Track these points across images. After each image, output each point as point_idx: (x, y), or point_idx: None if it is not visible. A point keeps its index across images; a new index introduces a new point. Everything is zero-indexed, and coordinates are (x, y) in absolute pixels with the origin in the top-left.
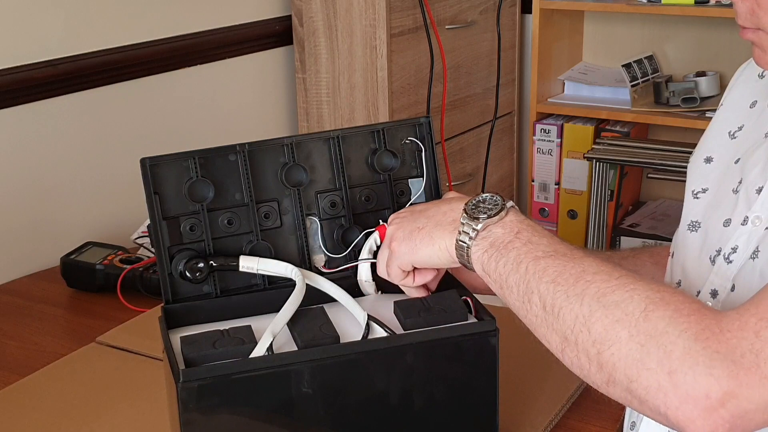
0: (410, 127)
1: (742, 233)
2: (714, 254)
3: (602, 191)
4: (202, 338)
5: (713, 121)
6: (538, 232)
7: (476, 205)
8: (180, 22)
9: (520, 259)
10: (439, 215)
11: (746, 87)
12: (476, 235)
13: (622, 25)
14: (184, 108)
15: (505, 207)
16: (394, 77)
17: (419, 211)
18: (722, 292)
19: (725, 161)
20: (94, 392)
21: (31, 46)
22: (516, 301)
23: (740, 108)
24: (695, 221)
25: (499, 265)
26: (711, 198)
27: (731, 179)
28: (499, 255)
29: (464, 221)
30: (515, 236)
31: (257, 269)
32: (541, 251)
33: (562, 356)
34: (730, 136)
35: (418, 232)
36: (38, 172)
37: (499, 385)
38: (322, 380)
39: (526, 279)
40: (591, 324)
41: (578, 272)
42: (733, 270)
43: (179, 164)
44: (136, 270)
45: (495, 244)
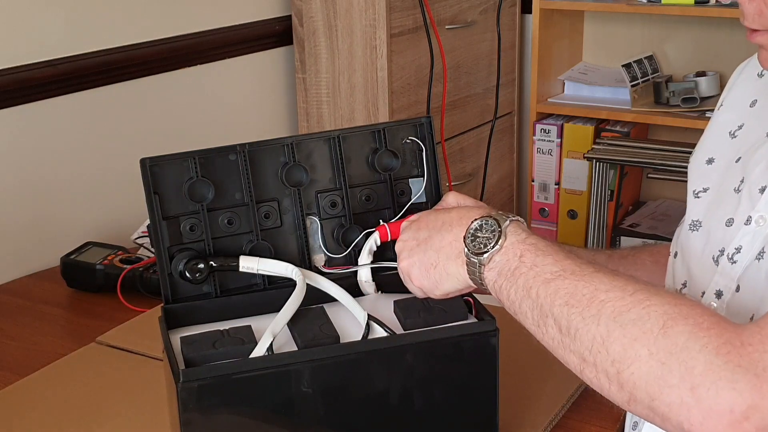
0: (411, 127)
1: (746, 233)
2: (717, 254)
3: (602, 191)
4: (202, 338)
5: (712, 121)
6: (541, 250)
7: (474, 236)
8: (180, 22)
9: (530, 284)
10: (446, 247)
11: (746, 86)
12: (483, 269)
13: (622, 25)
14: (184, 108)
15: (501, 233)
16: (394, 77)
17: (425, 241)
18: (727, 292)
19: (726, 160)
20: (94, 392)
21: (31, 46)
22: (532, 325)
23: (740, 107)
24: (696, 221)
25: (511, 293)
26: (712, 197)
27: (732, 178)
28: (508, 284)
29: (467, 256)
30: (519, 261)
31: (257, 269)
32: (549, 272)
33: (582, 376)
34: (731, 135)
35: (433, 269)
36: (38, 172)
37: (499, 385)
38: (322, 380)
39: (538, 303)
40: (609, 344)
41: (591, 291)
42: (737, 270)
43: (179, 164)
44: (136, 270)
45: (503, 273)
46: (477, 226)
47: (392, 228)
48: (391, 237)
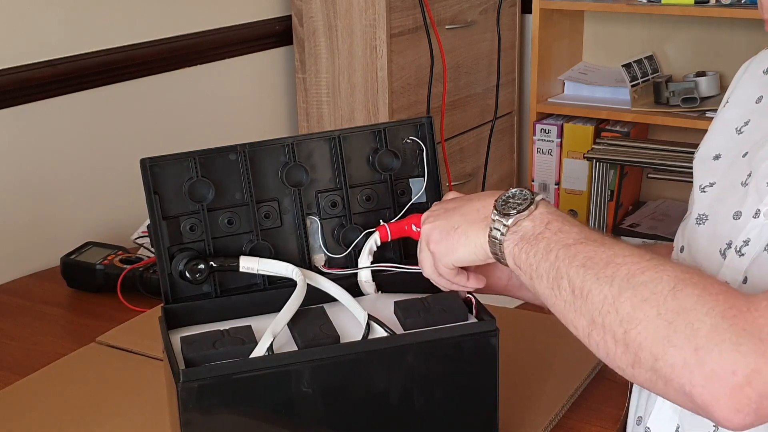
0: (411, 126)
1: (754, 226)
2: (724, 247)
3: (602, 191)
4: (202, 338)
5: (717, 118)
6: (569, 221)
7: (506, 201)
8: (180, 22)
9: (550, 247)
10: (472, 212)
11: (751, 83)
12: (507, 231)
13: (622, 25)
14: (184, 108)
15: (534, 201)
16: (394, 77)
17: (452, 209)
18: (733, 284)
19: (733, 155)
20: (94, 392)
21: (31, 46)
22: (546, 288)
23: (746, 104)
24: (702, 214)
25: (530, 255)
26: (718, 191)
27: (739, 172)
28: (529, 246)
29: (495, 217)
30: (545, 227)
31: (257, 269)
32: (572, 239)
33: (588, 340)
34: (737, 131)
35: (454, 231)
36: (38, 172)
37: (499, 385)
38: (322, 380)
39: (555, 265)
40: (619, 304)
41: (609, 256)
42: (745, 263)
43: (179, 164)
44: (136, 270)
45: (525, 237)
46: (511, 194)
47: (392, 228)
48: (391, 237)
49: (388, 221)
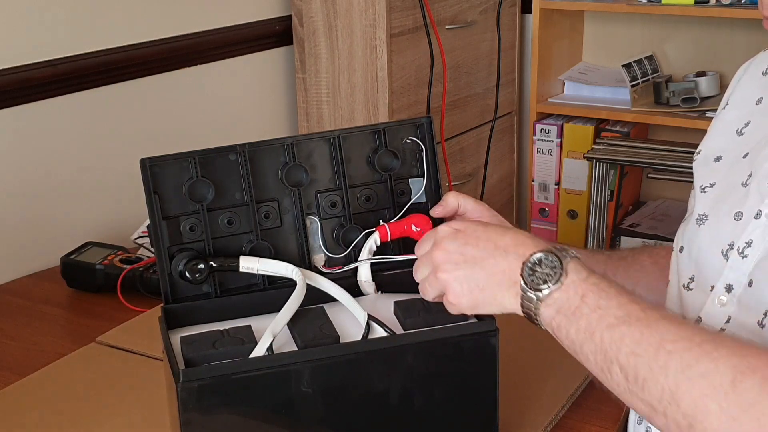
0: (411, 127)
1: (756, 227)
2: (726, 248)
3: (602, 191)
4: (202, 338)
5: (717, 120)
6: (604, 291)
7: (533, 270)
8: (180, 22)
9: (593, 328)
10: (497, 273)
11: (751, 84)
12: (540, 304)
13: (622, 25)
14: (184, 108)
15: (563, 270)
16: (394, 77)
17: (472, 260)
18: (738, 286)
19: (734, 156)
20: (94, 392)
21: (31, 46)
22: (594, 367)
23: (746, 105)
24: (702, 214)
25: (570, 332)
26: (718, 191)
27: (739, 173)
28: (568, 323)
29: (525, 288)
30: (581, 301)
31: (257, 269)
32: (613, 316)
33: (651, 421)
34: (738, 133)
35: (479, 291)
36: (38, 172)
37: (499, 385)
38: (322, 380)
39: (602, 349)
40: (679, 397)
41: (657, 341)
42: (749, 265)
43: (179, 164)
44: (136, 270)
45: (562, 311)
46: (536, 260)
47: (392, 228)
48: (390, 237)
49: (388, 221)
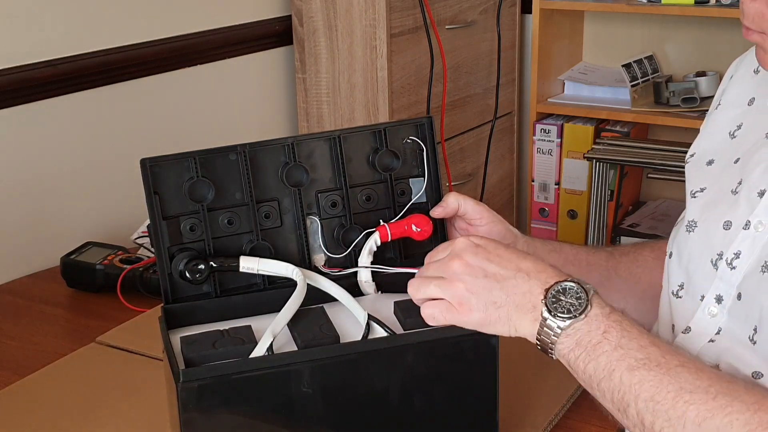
0: (412, 126)
1: (745, 237)
2: (716, 258)
3: (602, 191)
4: (202, 338)
5: (710, 120)
6: (627, 331)
7: (557, 298)
8: (180, 22)
9: (612, 366)
10: (517, 295)
11: (742, 84)
12: (561, 333)
13: (622, 25)
14: (184, 108)
15: (588, 302)
16: (394, 77)
17: (493, 277)
18: (727, 298)
19: (725, 161)
20: (94, 392)
21: (31, 46)
22: (610, 405)
23: (738, 106)
24: (692, 221)
25: (588, 367)
26: (708, 198)
27: (730, 179)
28: (587, 356)
29: (547, 316)
30: (602, 336)
31: (258, 269)
32: (633, 359)
33: None
34: (731, 135)
35: (495, 308)
36: (38, 172)
37: (499, 385)
38: (322, 380)
39: (620, 390)
40: None
41: (676, 390)
42: (737, 277)
43: (179, 164)
44: (136, 270)
45: (581, 344)
46: (561, 289)
47: (392, 228)
48: (391, 237)
49: (388, 221)
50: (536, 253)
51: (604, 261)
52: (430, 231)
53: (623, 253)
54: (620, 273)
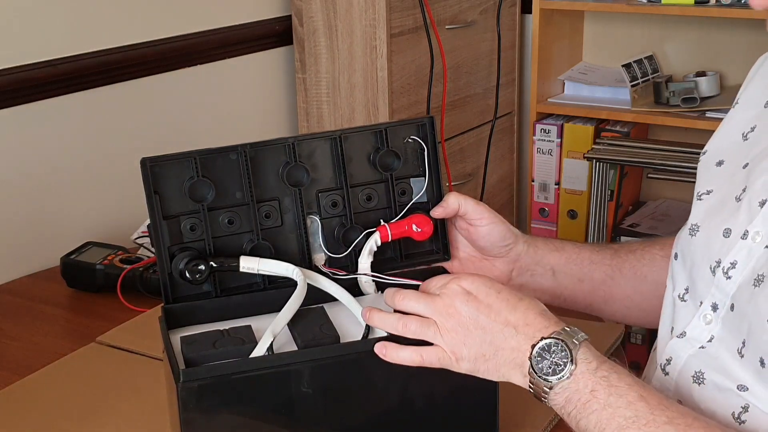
0: (413, 126)
1: (742, 247)
2: (714, 265)
3: (602, 191)
4: (202, 338)
5: (727, 118)
6: (614, 387)
7: (541, 356)
8: (180, 22)
9: (603, 426)
10: (506, 350)
11: (761, 84)
12: (550, 392)
13: (622, 25)
14: (184, 108)
15: (572, 360)
16: (394, 77)
17: (482, 328)
18: (722, 307)
19: (734, 164)
20: (94, 392)
21: (31, 46)
22: None
23: (755, 107)
24: (695, 224)
25: (581, 424)
26: (712, 202)
27: (736, 185)
28: (578, 414)
29: (534, 375)
30: (590, 395)
31: (258, 269)
32: (622, 417)
33: None
34: (743, 137)
35: (484, 361)
36: (38, 172)
37: (499, 385)
38: (322, 380)
39: None
40: None
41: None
42: (732, 287)
43: (180, 164)
44: (136, 270)
45: (571, 401)
46: (545, 346)
47: (393, 228)
48: (391, 237)
49: (389, 221)
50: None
51: (608, 259)
52: (431, 231)
53: (630, 250)
54: (624, 272)
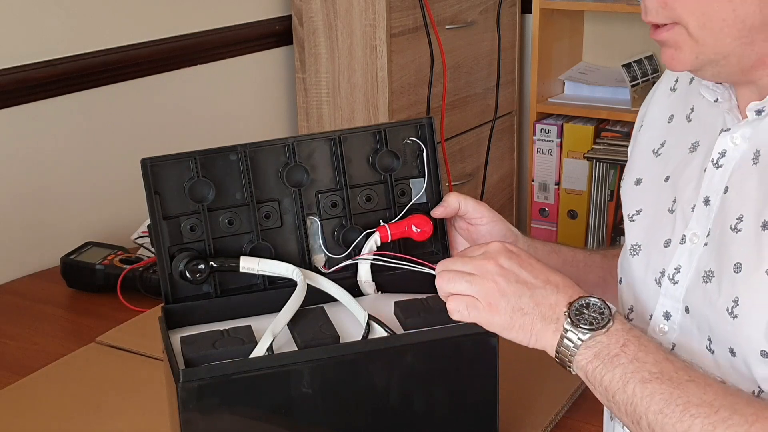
0: (412, 127)
1: (683, 252)
2: (659, 276)
3: (602, 191)
4: (202, 338)
5: (635, 142)
6: (644, 345)
7: (580, 312)
8: (180, 22)
9: (627, 378)
10: (545, 305)
11: (661, 102)
12: (581, 345)
13: (622, 25)
14: (184, 108)
15: (612, 317)
16: (394, 77)
17: (524, 282)
18: (676, 313)
19: (655, 181)
20: (94, 392)
21: (31, 46)
22: (624, 418)
23: (659, 124)
24: (635, 245)
25: (605, 379)
26: (648, 220)
27: (665, 199)
28: (604, 368)
29: (568, 327)
30: (621, 349)
31: (258, 270)
32: (647, 371)
33: None
34: (654, 154)
35: (521, 315)
36: (38, 172)
37: (499, 385)
38: (322, 380)
39: (633, 402)
40: None
41: (684, 403)
42: (680, 290)
43: (180, 164)
44: (136, 270)
45: (600, 355)
46: (585, 303)
47: (393, 228)
48: (391, 237)
49: (389, 222)
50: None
51: (599, 262)
52: (431, 231)
53: (615, 255)
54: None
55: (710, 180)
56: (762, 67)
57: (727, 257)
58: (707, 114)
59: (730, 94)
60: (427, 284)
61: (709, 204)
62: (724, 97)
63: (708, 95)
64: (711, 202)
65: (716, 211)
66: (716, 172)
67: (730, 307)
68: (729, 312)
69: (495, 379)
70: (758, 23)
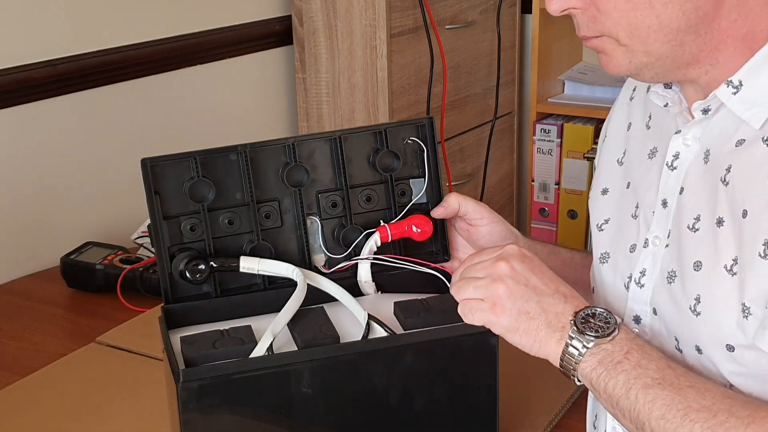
0: (412, 127)
1: (647, 255)
2: (627, 281)
3: None
4: (202, 338)
5: (601, 153)
6: (647, 353)
7: (586, 320)
8: (180, 22)
9: (630, 384)
10: (551, 313)
11: (621, 112)
12: (585, 352)
13: None
14: (184, 108)
15: (617, 325)
16: (394, 77)
17: (534, 288)
18: (645, 316)
19: (618, 188)
20: (94, 392)
21: (31, 46)
22: (629, 424)
23: (619, 134)
24: (604, 253)
25: (608, 386)
26: (614, 228)
27: (628, 205)
28: (608, 375)
29: (573, 335)
30: (624, 356)
31: (258, 270)
32: (650, 378)
33: None
34: (618, 163)
35: (526, 319)
36: (38, 172)
37: (499, 385)
38: (322, 380)
39: (636, 408)
40: None
41: (684, 408)
42: (647, 293)
43: (180, 164)
44: (136, 270)
45: (604, 362)
46: (591, 313)
47: (393, 228)
48: (391, 238)
49: (389, 222)
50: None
51: None
52: (431, 231)
53: None
54: None
55: (666, 182)
56: (697, 64)
57: (687, 256)
58: (662, 120)
59: (680, 97)
60: (428, 284)
61: (667, 206)
62: (674, 101)
63: (658, 101)
64: (668, 203)
65: (674, 212)
66: (671, 174)
67: (693, 305)
68: (692, 310)
69: (495, 379)
70: (684, 25)
